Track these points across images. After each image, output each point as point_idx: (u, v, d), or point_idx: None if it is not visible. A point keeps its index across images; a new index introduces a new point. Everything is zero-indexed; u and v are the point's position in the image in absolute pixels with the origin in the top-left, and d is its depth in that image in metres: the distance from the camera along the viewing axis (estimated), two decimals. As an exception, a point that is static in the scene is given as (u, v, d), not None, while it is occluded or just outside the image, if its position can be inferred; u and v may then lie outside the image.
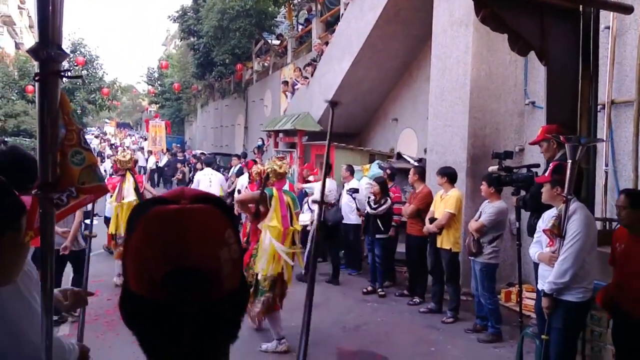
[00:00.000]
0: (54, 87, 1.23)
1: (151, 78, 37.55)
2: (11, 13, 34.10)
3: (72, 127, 1.35)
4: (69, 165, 1.33)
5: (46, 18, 1.19)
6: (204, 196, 0.85)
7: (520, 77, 7.27)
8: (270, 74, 17.75)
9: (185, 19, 22.16)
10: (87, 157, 1.38)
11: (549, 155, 4.64)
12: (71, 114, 1.35)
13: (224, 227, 0.82)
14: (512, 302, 6.53)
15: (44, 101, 1.22)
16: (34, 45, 1.19)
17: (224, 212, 0.84)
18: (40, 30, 1.19)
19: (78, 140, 1.36)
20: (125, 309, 0.83)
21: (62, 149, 1.31)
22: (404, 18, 9.20)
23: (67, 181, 1.34)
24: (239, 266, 0.84)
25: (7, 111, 22.11)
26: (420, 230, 6.90)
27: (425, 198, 7.00)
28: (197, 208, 0.80)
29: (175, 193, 0.84)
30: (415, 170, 7.28)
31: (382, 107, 11.50)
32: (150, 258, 0.78)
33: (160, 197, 0.84)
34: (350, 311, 6.72)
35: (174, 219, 0.79)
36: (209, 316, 0.80)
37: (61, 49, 1.22)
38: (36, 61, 1.21)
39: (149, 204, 0.82)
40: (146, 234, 0.79)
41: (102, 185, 1.45)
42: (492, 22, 4.27)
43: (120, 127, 54.20)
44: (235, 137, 22.11)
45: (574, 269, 3.75)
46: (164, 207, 0.80)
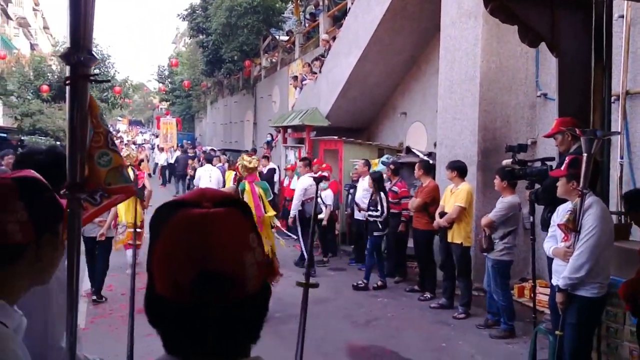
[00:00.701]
0: (84, 91, 1.29)
1: (161, 76, 37.76)
2: (26, 15, 34.43)
3: (100, 129, 1.38)
4: (96, 167, 1.37)
5: (78, 24, 1.25)
6: (226, 199, 0.86)
7: (532, 69, 7.15)
8: (278, 69, 17.72)
9: (194, 16, 22.20)
10: (114, 158, 1.41)
11: (563, 148, 4.55)
12: (99, 116, 1.38)
13: (248, 230, 0.84)
14: (525, 297, 6.44)
15: (74, 104, 1.27)
16: (66, 50, 1.25)
17: (246, 215, 0.85)
18: (71, 36, 1.25)
19: (105, 142, 1.39)
20: (150, 311, 0.84)
21: (90, 150, 1.34)
22: (412, 11, 9.10)
23: (94, 182, 1.37)
24: (262, 269, 0.85)
25: (23, 110, 22.41)
26: (427, 224, 6.92)
27: (431, 192, 7.01)
28: (222, 212, 0.82)
29: (196, 195, 0.85)
30: (420, 165, 7.27)
31: (391, 101, 11.41)
32: (176, 262, 0.79)
33: (183, 200, 0.85)
34: (360, 306, 6.68)
35: (199, 223, 0.80)
36: (232, 318, 0.81)
37: (91, 53, 1.27)
38: (67, 65, 1.26)
39: (172, 208, 0.83)
40: (171, 239, 0.81)
41: (129, 187, 1.48)
42: (501, 14, 4.18)
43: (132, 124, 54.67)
44: (244, 133, 22.13)
45: (590, 264, 3.67)
46: (189, 211, 0.81)
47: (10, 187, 1.22)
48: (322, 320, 5.94)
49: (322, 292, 7.10)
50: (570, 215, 3.79)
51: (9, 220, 1.18)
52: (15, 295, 1.24)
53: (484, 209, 6.69)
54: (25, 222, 1.20)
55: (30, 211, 1.21)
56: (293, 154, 12.31)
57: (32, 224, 1.21)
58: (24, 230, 1.20)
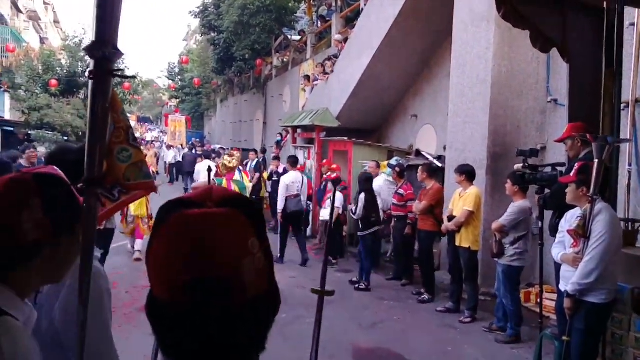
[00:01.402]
0: (107, 86, 1.25)
1: (172, 73, 37.88)
2: (37, 8, 34.64)
3: (121, 125, 1.36)
4: (115, 162, 1.35)
5: (104, 17, 1.21)
6: (232, 198, 0.82)
7: (543, 74, 7.14)
8: (290, 69, 17.75)
9: (206, 14, 22.26)
10: (134, 154, 1.39)
11: (573, 153, 4.56)
12: (121, 111, 1.36)
13: (248, 235, 0.79)
14: (531, 302, 6.43)
15: (96, 98, 1.24)
16: (90, 43, 1.21)
17: (251, 217, 0.81)
18: (97, 30, 1.21)
19: (126, 138, 1.37)
20: (148, 313, 0.82)
21: (110, 145, 1.33)
22: (424, 14, 9.11)
23: (113, 177, 1.36)
24: (265, 274, 0.81)
25: (31, 104, 22.43)
26: (432, 225, 7.00)
27: (436, 194, 7.08)
28: (222, 213, 0.78)
29: (203, 193, 0.82)
30: (424, 168, 7.34)
31: (402, 103, 11.42)
32: (171, 264, 0.77)
33: (187, 199, 0.82)
34: (366, 308, 6.71)
35: (196, 224, 0.77)
36: (230, 325, 0.78)
37: (116, 48, 1.23)
38: (91, 59, 1.22)
39: (175, 206, 0.81)
40: (168, 239, 0.78)
41: (148, 182, 1.45)
42: (513, 19, 4.20)
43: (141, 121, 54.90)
44: (254, 132, 22.19)
45: (599, 270, 3.69)
46: (188, 210, 0.78)
47: (29, 184, 1.22)
48: (328, 322, 5.92)
49: (329, 293, 7.14)
50: (580, 221, 3.81)
51: (25, 218, 1.18)
52: (27, 291, 1.25)
53: (493, 213, 6.69)
54: (42, 220, 1.20)
55: (47, 209, 1.21)
56: (303, 154, 12.34)
57: (48, 223, 1.21)
58: (40, 228, 1.19)
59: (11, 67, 23.31)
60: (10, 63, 23.23)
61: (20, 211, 1.18)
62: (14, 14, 29.80)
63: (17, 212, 1.18)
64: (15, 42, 25.67)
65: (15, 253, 1.18)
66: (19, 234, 1.17)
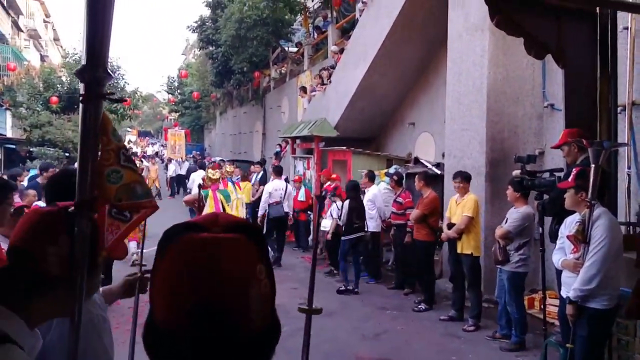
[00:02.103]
0: (98, 109, 1.26)
1: (171, 87, 38.04)
2: (37, 27, 34.88)
3: (111, 147, 1.36)
4: (105, 184, 1.35)
5: (94, 40, 1.22)
6: (238, 224, 0.81)
7: (538, 80, 7.15)
8: (287, 81, 17.82)
9: (204, 28, 22.41)
10: (125, 175, 1.38)
11: (570, 159, 4.56)
12: (112, 132, 1.36)
13: (256, 261, 0.78)
14: (535, 308, 6.40)
15: (87, 122, 1.25)
16: (80, 67, 1.22)
17: (257, 243, 0.80)
18: (87, 53, 1.22)
19: (116, 160, 1.37)
20: (146, 339, 0.80)
21: (100, 168, 1.33)
22: (419, 23, 9.16)
23: (104, 199, 1.36)
24: (269, 302, 0.80)
25: (32, 122, 22.55)
26: (426, 234, 7.00)
27: (430, 203, 7.07)
28: (229, 239, 0.77)
29: (209, 218, 0.81)
30: (420, 176, 7.34)
31: (399, 112, 11.44)
32: (178, 286, 0.75)
33: (193, 223, 0.81)
34: (369, 319, 6.67)
35: (203, 248, 0.76)
36: (235, 353, 0.76)
37: (107, 71, 1.24)
38: (82, 83, 1.23)
39: (181, 230, 0.80)
40: (174, 264, 0.77)
41: (145, 202, 1.44)
42: (507, 26, 4.20)
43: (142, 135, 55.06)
44: (253, 143, 22.23)
45: (600, 276, 3.66)
46: (195, 235, 0.77)
47: (59, 220, 1.24)
48: (330, 333, 5.94)
49: (330, 304, 7.10)
50: (579, 226, 3.79)
51: (52, 252, 1.19)
52: (38, 321, 1.26)
53: (493, 220, 6.68)
54: (66, 257, 1.21)
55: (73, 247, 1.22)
56: (302, 164, 12.36)
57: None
58: (64, 264, 1.21)
59: (12, 86, 23.43)
60: (12, 81, 23.35)
61: (48, 245, 1.20)
62: (15, 33, 30.01)
63: (44, 246, 1.20)
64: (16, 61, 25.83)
65: (35, 285, 1.20)
66: (43, 267, 1.19)
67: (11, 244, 1.23)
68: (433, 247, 7.25)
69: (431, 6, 8.61)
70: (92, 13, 1.21)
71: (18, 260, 1.20)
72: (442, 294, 7.32)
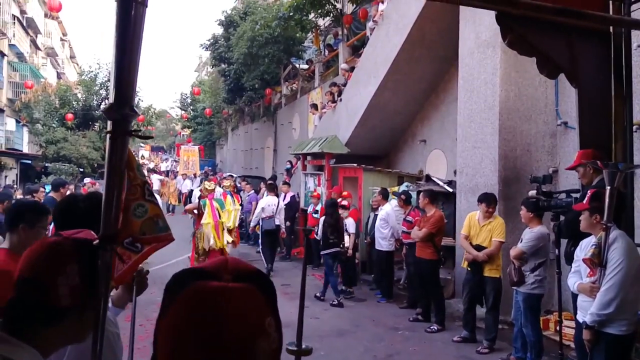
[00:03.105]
0: (124, 145, 1.31)
1: (184, 103, 38.48)
2: (54, 45, 35.59)
3: (137, 182, 1.40)
4: (131, 218, 1.39)
5: (121, 80, 1.28)
6: (248, 272, 0.80)
7: (551, 97, 7.10)
8: (299, 97, 17.92)
9: (217, 46, 22.69)
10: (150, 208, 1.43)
11: (586, 180, 4.47)
12: (137, 167, 1.41)
13: (265, 314, 0.77)
14: (550, 330, 6.28)
15: (113, 157, 1.30)
16: (108, 105, 1.28)
17: (266, 293, 0.79)
18: (115, 91, 1.28)
19: (142, 194, 1.41)
20: None
21: (126, 203, 1.36)
22: (430, 41, 9.16)
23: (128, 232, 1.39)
24: (277, 357, 0.77)
25: (48, 138, 22.95)
26: (431, 253, 6.96)
27: (437, 222, 7.01)
28: (239, 289, 0.76)
29: (217, 264, 0.80)
30: (425, 194, 7.29)
31: (410, 129, 11.41)
32: (183, 339, 0.73)
33: (202, 270, 0.79)
34: (381, 339, 6.57)
35: (214, 299, 0.74)
36: None
37: (133, 109, 1.30)
38: (109, 120, 1.29)
39: (190, 277, 0.78)
40: (182, 313, 0.75)
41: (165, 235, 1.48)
42: (519, 46, 4.17)
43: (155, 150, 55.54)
44: (264, 159, 22.31)
45: (618, 300, 3.57)
46: (205, 283, 0.75)
47: (70, 249, 1.25)
48: (341, 354, 5.86)
49: (342, 324, 7.03)
50: (595, 249, 3.71)
51: (62, 283, 1.20)
52: (51, 350, 1.26)
53: (507, 239, 6.59)
54: (76, 287, 1.22)
55: (83, 276, 1.23)
56: (313, 181, 12.34)
57: (83, 289, 1.23)
58: (74, 294, 1.21)
59: (29, 103, 23.89)
60: (29, 98, 23.83)
61: (57, 276, 1.21)
62: (33, 51, 30.64)
63: (54, 277, 1.20)
64: (34, 78, 26.37)
65: (47, 315, 1.21)
66: (54, 297, 1.20)
67: (19, 275, 1.23)
68: (438, 266, 7.16)
69: (442, 24, 8.61)
70: (120, 54, 1.28)
71: (27, 291, 1.21)
72: (455, 314, 7.21)
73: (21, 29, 26.75)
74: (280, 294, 8.29)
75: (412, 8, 8.81)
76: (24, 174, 24.27)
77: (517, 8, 3.69)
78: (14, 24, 24.63)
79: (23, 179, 22.86)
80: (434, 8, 8.26)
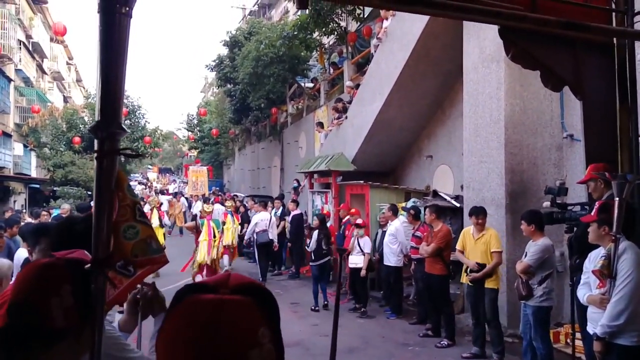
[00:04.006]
0: (112, 165, 1.25)
1: (190, 124, 38.68)
2: (60, 69, 36.01)
3: (127, 202, 1.34)
4: (122, 240, 1.33)
5: (107, 98, 1.23)
6: (247, 285, 0.81)
7: (557, 110, 7.12)
8: (305, 116, 18.03)
9: (222, 67, 22.88)
10: (141, 230, 1.37)
11: (597, 195, 4.46)
12: (126, 188, 1.35)
13: (258, 325, 0.78)
14: (560, 343, 6.21)
15: (102, 177, 1.24)
16: (94, 123, 1.22)
17: (264, 306, 0.80)
18: (101, 109, 1.22)
19: (132, 215, 1.35)
20: None
21: (115, 224, 1.31)
22: (434, 57, 9.24)
23: (120, 255, 1.34)
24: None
25: (55, 162, 23.04)
26: (441, 269, 6.96)
27: (445, 237, 7.03)
28: (233, 301, 0.77)
29: (218, 279, 0.82)
30: (431, 209, 7.30)
31: (416, 144, 11.45)
32: (177, 352, 0.75)
33: (202, 284, 0.82)
34: (391, 356, 6.53)
35: (205, 310, 0.76)
36: None
37: (120, 126, 1.23)
38: (96, 139, 1.22)
39: (189, 290, 0.80)
40: (177, 325, 0.77)
41: (159, 257, 1.42)
42: (523, 60, 4.21)
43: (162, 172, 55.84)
44: (271, 178, 22.37)
45: (629, 311, 3.55)
46: (200, 296, 0.78)
47: (62, 270, 1.23)
48: (352, 370, 5.81)
49: (352, 341, 6.98)
50: (604, 261, 3.70)
51: (55, 305, 1.18)
52: None
53: (514, 252, 6.58)
54: (71, 307, 1.20)
55: (77, 297, 1.21)
56: (320, 199, 12.36)
57: (77, 311, 1.21)
58: (69, 315, 1.19)
59: (37, 127, 24.09)
60: (36, 123, 24.02)
61: (51, 297, 1.18)
62: (40, 76, 31.01)
63: (48, 299, 1.18)
64: (41, 103, 26.64)
65: (42, 338, 1.18)
66: (48, 319, 1.17)
67: (12, 300, 1.20)
68: (448, 281, 7.14)
69: (446, 39, 8.70)
70: (105, 69, 1.23)
71: (21, 315, 1.18)
72: (465, 329, 7.15)
73: (27, 54, 27.13)
74: (289, 312, 8.31)
75: (416, 24, 8.90)
76: (32, 199, 24.41)
77: (524, 22, 3.74)
78: (20, 49, 24.90)
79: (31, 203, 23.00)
80: (437, 24, 8.35)
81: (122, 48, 1.24)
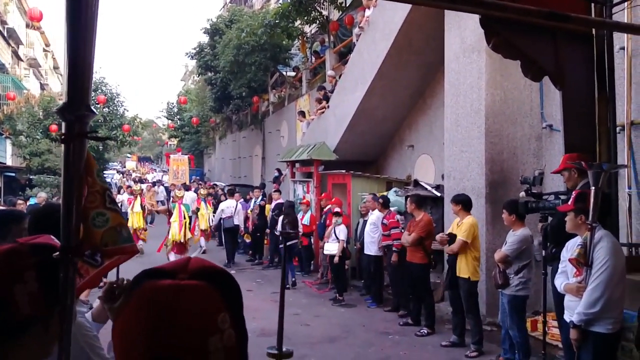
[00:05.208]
0: (81, 148, 1.19)
1: (170, 113, 38.23)
2: (37, 56, 35.24)
3: (96, 188, 1.28)
4: (91, 228, 1.27)
5: (75, 78, 1.16)
6: (206, 270, 0.78)
7: (536, 101, 7.18)
8: (286, 105, 17.93)
9: (203, 55, 22.62)
10: (111, 217, 1.31)
11: (571, 184, 4.52)
12: (96, 173, 1.29)
13: (218, 310, 0.75)
14: (538, 331, 6.29)
15: (70, 162, 1.17)
16: (61, 105, 1.16)
17: (224, 291, 0.77)
18: (68, 91, 1.16)
19: (102, 201, 1.29)
20: None
21: (84, 211, 1.25)
22: (416, 46, 9.23)
23: (89, 244, 1.28)
24: (235, 353, 0.76)
25: (32, 150, 22.65)
26: (422, 257, 7.00)
27: (426, 226, 7.05)
28: (190, 286, 0.74)
29: (179, 263, 0.79)
30: (412, 199, 7.34)
31: (398, 134, 11.47)
32: (133, 340, 0.73)
33: (160, 268, 0.78)
34: (371, 345, 6.56)
35: (161, 297, 0.73)
36: None
37: (89, 109, 1.17)
38: (63, 122, 1.16)
39: (145, 276, 0.77)
40: (133, 313, 0.74)
41: (129, 246, 1.36)
42: (503, 50, 4.22)
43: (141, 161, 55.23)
44: (253, 167, 22.26)
45: (604, 299, 3.61)
46: (156, 282, 0.75)
47: (24, 255, 1.17)
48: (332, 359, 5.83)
49: (332, 330, 7.01)
50: (581, 249, 3.75)
51: (19, 291, 1.13)
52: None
53: (494, 242, 6.64)
54: (36, 293, 1.15)
55: (42, 283, 1.16)
56: (301, 188, 12.33)
57: (43, 297, 1.16)
58: (34, 302, 1.14)
59: (12, 114, 23.55)
60: (11, 110, 23.48)
61: (14, 284, 1.13)
62: (15, 62, 30.31)
63: (10, 286, 1.13)
64: (16, 90, 26.03)
65: (6, 328, 1.13)
66: (12, 307, 1.12)
67: None
68: (428, 270, 7.19)
69: (428, 29, 8.69)
70: (73, 50, 1.16)
71: None
72: (445, 317, 7.22)
73: (2, 40, 26.47)
74: (270, 302, 8.29)
75: (398, 14, 8.87)
76: (7, 187, 23.95)
77: (506, 12, 3.73)
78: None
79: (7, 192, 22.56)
80: (419, 14, 8.33)
81: (90, 25, 1.16)
